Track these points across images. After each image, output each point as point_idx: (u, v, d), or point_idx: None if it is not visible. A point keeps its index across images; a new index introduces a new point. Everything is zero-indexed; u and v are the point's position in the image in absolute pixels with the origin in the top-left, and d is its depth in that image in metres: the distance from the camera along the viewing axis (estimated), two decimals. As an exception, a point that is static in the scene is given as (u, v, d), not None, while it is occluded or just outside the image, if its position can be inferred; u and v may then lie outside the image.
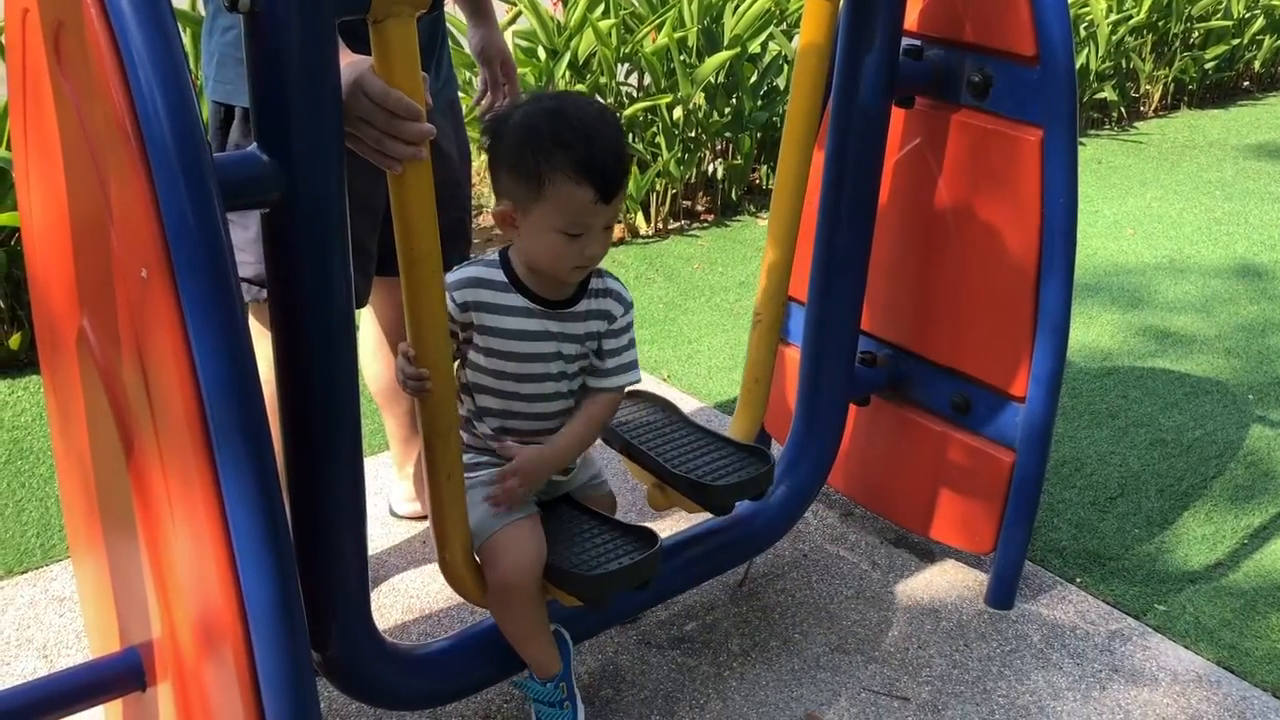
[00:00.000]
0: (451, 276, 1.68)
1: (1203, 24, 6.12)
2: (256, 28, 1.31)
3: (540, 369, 1.73)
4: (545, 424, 1.78)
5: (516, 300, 1.70)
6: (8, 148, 2.95)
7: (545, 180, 1.60)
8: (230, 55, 1.81)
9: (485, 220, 4.13)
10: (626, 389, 1.82)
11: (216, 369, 1.13)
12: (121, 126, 1.13)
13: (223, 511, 1.16)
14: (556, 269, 1.67)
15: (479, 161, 3.82)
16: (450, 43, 2.20)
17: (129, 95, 1.12)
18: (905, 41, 2.09)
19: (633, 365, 1.80)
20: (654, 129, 4.25)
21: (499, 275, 1.71)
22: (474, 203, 4.02)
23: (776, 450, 2.45)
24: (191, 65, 3.41)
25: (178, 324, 1.13)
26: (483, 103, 2.29)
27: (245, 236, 1.82)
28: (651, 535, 1.79)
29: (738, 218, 4.48)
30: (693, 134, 4.31)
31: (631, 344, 1.80)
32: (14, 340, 3.03)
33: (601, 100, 4.24)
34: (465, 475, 1.73)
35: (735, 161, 4.47)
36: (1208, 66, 6.22)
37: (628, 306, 1.79)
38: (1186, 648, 2.18)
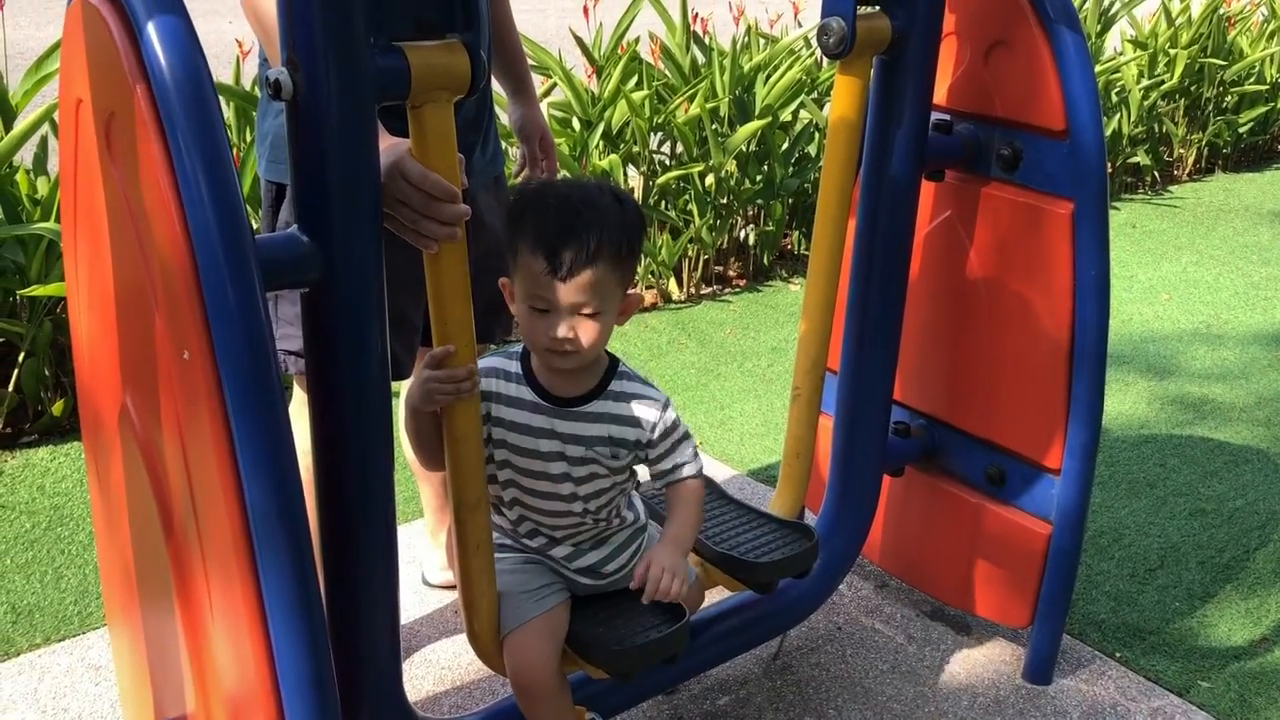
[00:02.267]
0: (480, 362, 1.67)
1: (1236, 88, 6.13)
2: (298, 113, 1.35)
3: (540, 467, 1.69)
4: (557, 520, 1.74)
5: (526, 394, 1.68)
6: (55, 220, 3.03)
7: (516, 252, 1.61)
8: (282, 135, 1.86)
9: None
10: (702, 472, 1.77)
11: (255, 452, 1.15)
12: (167, 211, 1.17)
13: (259, 592, 1.18)
14: (532, 345, 1.65)
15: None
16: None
17: (174, 182, 1.16)
18: (935, 115, 2.11)
19: (692, 457, 1.74)
20: (686, 196, 4.29)
21: (515, 367, 1.70)
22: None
23: (810, 519, 2.43)
24: (233, 138, 3.49)
25: (218, 406, 1.15)
26: (521, 178, 2.33)
27: (293, 311, 1.86)
28: (679, 609, 1.78)
29: (769, 283, 4.50)
30: (725, 201, 4.35)
31: (684, 438, 1.73)
32: (57, 407, 3.08)
33: (635, 170, 4.29)
34: (498, 557, 1.74)
35: (767, 227, 4.50)
36: (1242, 130, 6.22)
37: (664, 405, 1.71)
38: (1231, 727, 2.14)
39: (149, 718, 1.61)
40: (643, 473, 1.81)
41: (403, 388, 2.32)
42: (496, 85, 2.30)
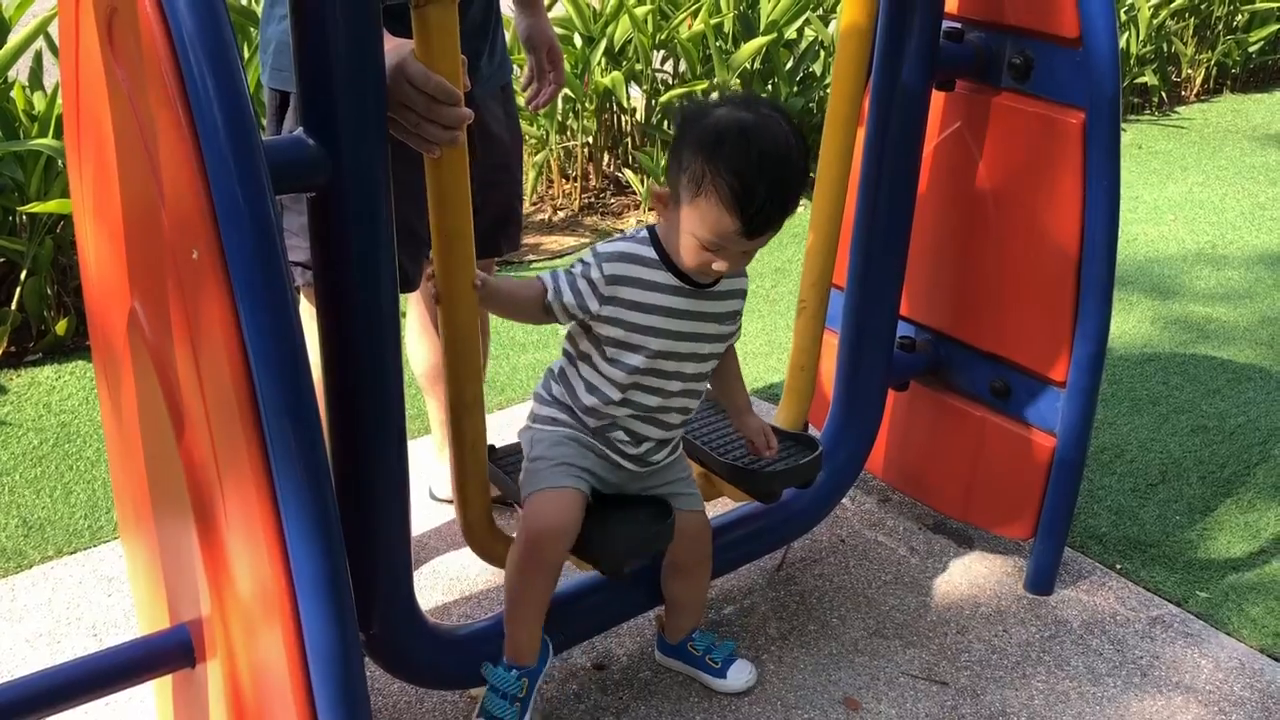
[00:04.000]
0: (603, 248, 1.68)
1: (1247, 6, 6.03)
2: (303, 14, 1.32)
3: (671, 347, 1.70)
4: (672, 403, 1.75)
5: (667, 278, 1.68)
6: (53, 136, 3.00)
7: (703, 191, 1.59)
8: (286, 42, 1.84)
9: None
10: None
11: (266, 348, 1.15)
12: (173, 110, 1.15)
13: (273, 490, 1.18)
14: (683, 260, 1.66)
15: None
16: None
17: (180, 80, 1.14)
18: (946, 24, 2.08)
19: None
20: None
21: (649, 251, 1.69)
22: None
23: (814, 435, 2.44)
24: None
25: (228, 304, 1.15)
26: (529, 90, 2.30)
27: (300, 222, 1.85)
28: (667, 507, 1.81)
29: (773, 204, 4.47)
30: (728, 120, 4.30)
31: None
32: (61, 326, 3.08)
33: (637, 88, 4.24)
34: (538, 426, 1.77)
35: (771, 148, 4.45)
36: (1252, 50, 6.13)
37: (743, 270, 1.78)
38: (1229, 635, 2.17)
39: (164, 623, 1.63)
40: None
41: (407, 301, 2.33)
42: None
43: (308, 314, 1.59)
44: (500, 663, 1.80)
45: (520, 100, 2.40)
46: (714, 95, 1.98)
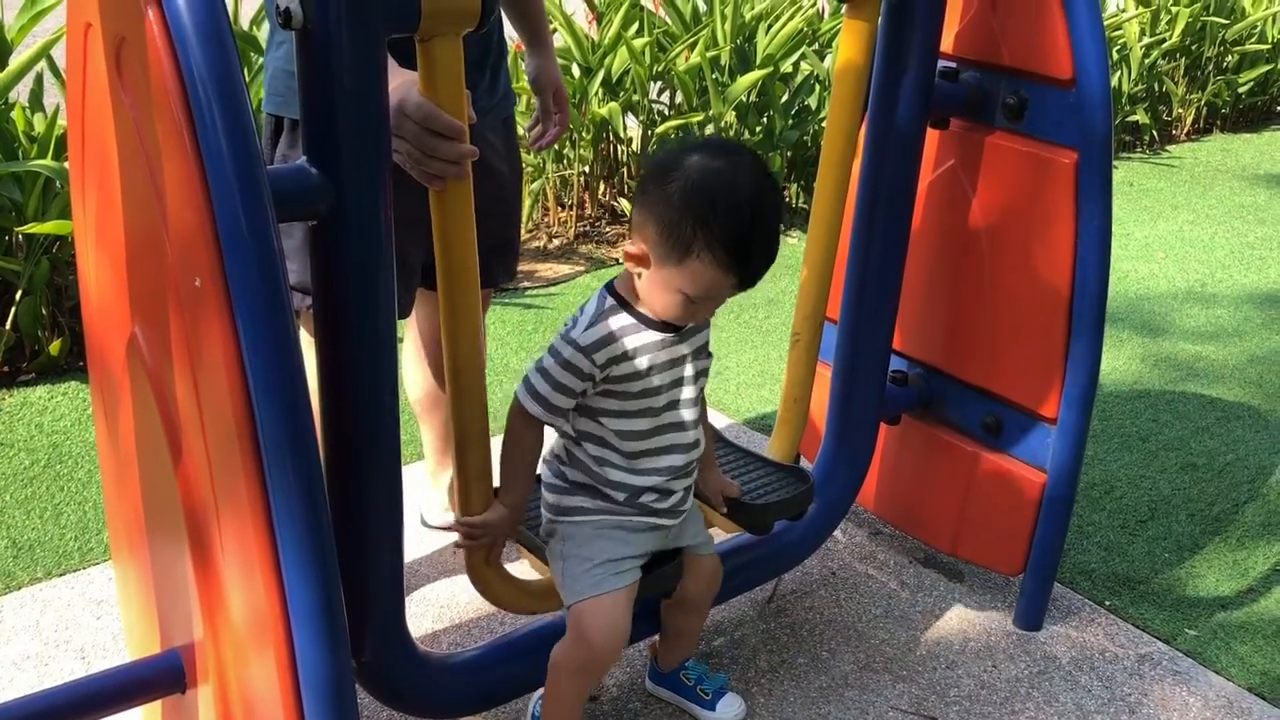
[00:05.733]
0: (580, 337, 1.63)
1: (1237, 48, 6.10)
2: (308, 44, 1.34)
3: (678, 394, 1.71)
4: (688, 454, 1.74)
5: (650, 335, 1.65)
6: (52, 158, 3.01)
7: (694, 253, 1.55)
8: (282, 69, 1.86)
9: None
10: None
11: (267, 377, 1.16)
12: (179, 139, 1.16)
13: (269, 516, 1.19)
14: (666, 315, 1.64)
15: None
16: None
17: (188, 109, 1.16)
18: (941, 63, 2.11)
19: None
20: (685, 147, 4.27)
21: (626, 318, 1.65)
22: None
23: (806, 468, 2.45)
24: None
25: (230, 332, 1.16)
26: (534, 131, 2.32)
27: (290, 245, 1.86)
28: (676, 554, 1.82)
29: (767, 236, 4.49)
30: (724, 152, 4.33)
31: None
32: (54, 346, 3.08)
33: (634, 119, 4.27)
34: (566, 520, 1.74)
35: (766, 180, 4.48)
36: (1241, 90, 6.20)
37: None
38: (1217, 673, 2.17)
39: (154, 648, 1.62)
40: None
41: (401, 328, 2.34)
42: (513, 32, 2.28)
43: (305, 341, 1.60)
44: None
45: (523, 133, 2.42)
46: (673, 142, 1.95)
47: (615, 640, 1.71)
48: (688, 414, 1.73)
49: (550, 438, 1.76)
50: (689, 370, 1.72)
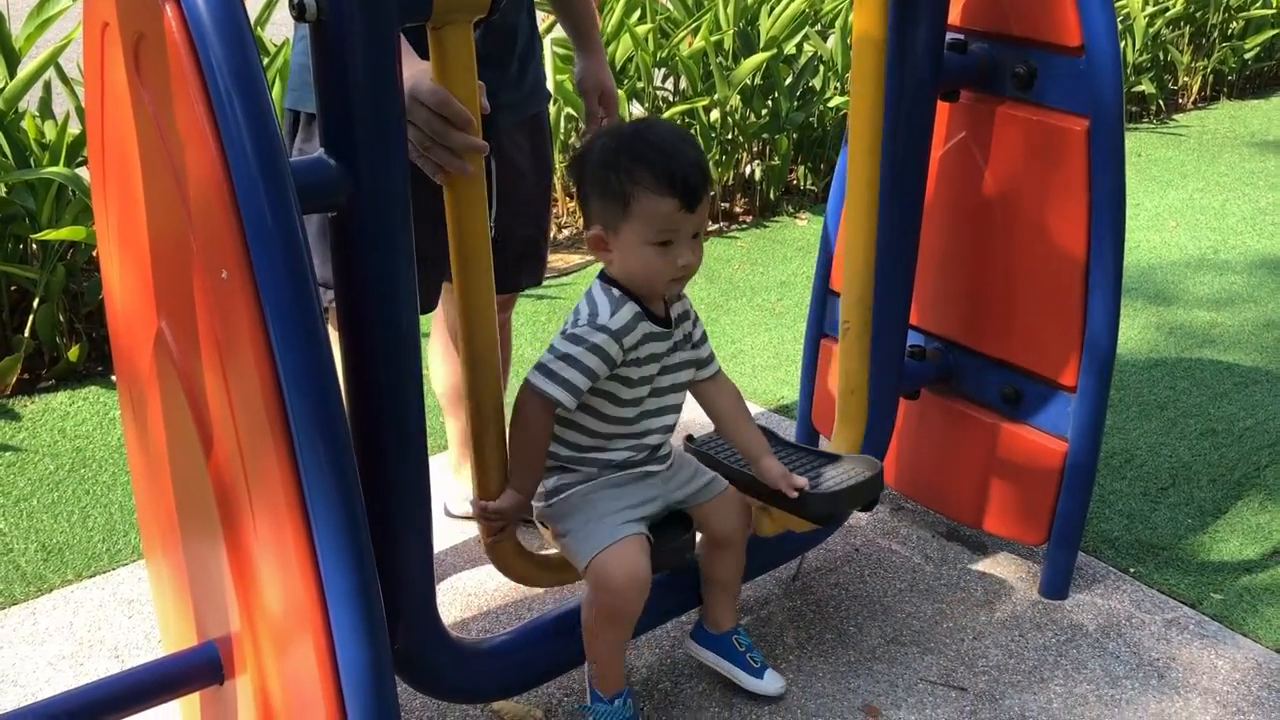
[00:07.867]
0: (614, 324, 1.69)
1: (1242, 13, 6.07)
2: (322, 36, 1.35)
3: (675, 380, 1.80)
4: (659, 435, 1.82)
5: (653, 326, 1.74)
6: (64, 165, 3.02)
7: (630, 198, 1.64)
8: (297, 62, 1.87)
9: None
10: None
11: (296, 366, 1.17)
12: (201, 133, 1.17)
13: (303, 504, 1.20)
14: (654, 283, 1.70)
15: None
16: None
17: (208, 102, 1.17)
18: (949, 35, 2.11)
19: None
20: (691, 132, 4.27)
21: (630, 311, 1.72)
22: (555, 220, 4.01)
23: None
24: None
25: (258, 323, 1.17)
26: (585, 134, 2.30)
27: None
28: (688, 521, 1.86)
29: (776, 218, 4.50)
30: (730, 136, 4.34)
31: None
32: (73, 352, 3.10)
33: (639, 106, 4.28)
34: (561, 498, 1.79)
35: (773, 162, 4.49)
36: (1247, 57, 6.17)
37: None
38: (1244, 635, 2.18)
39: (191, 641, 1.64)
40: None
41: (433, 321, 2.35)
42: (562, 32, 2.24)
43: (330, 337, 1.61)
44: (598, 700, 1.86)
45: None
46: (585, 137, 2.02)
47: (635, 581, 1.74)
48: (672, 399, 1.81)
49: None
50: (677, 358, 1.80)
